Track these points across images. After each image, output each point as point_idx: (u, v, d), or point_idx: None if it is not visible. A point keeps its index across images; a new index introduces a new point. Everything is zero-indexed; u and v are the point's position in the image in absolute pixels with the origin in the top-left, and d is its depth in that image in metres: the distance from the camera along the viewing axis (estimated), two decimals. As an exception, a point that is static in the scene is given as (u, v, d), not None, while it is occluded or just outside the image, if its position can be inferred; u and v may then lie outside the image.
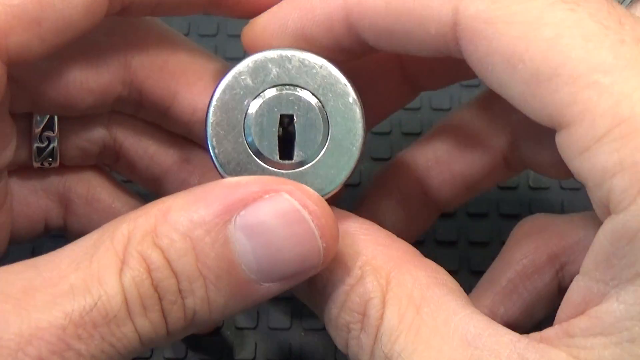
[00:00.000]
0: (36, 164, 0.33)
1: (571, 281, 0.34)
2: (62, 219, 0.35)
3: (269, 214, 0.25)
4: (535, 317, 0.34)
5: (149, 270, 0.24)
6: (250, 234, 0.25)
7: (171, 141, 0.34)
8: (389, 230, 0.28)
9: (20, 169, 0.34)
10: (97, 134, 0.34)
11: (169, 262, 0.24)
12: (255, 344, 0.39)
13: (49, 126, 0.32)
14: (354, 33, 0.27)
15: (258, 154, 0.27)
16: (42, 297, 0.23)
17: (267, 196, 0.25)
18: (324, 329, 0.39)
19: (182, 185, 0.34)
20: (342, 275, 0.26)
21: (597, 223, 0.32)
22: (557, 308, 0.26)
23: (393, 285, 0.25)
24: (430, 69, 0.32)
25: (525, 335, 0.24)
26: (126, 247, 0.24)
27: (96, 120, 0.34)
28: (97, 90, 0.31)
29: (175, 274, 0.24)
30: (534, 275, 0.33)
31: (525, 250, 0.33)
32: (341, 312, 0.26)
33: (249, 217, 0.25)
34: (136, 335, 0.24)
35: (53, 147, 0.33)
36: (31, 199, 0.34)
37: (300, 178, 0.27)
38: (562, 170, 0.29)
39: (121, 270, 0.24)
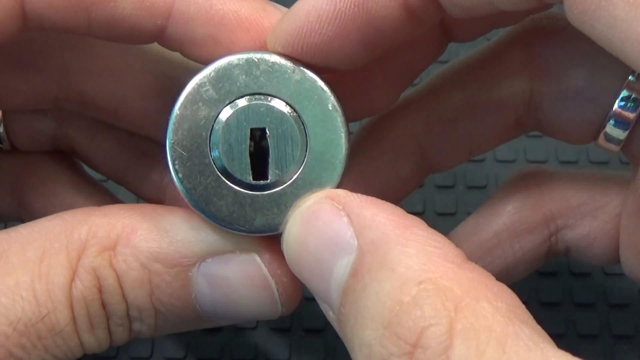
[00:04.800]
0: None
1: (565, 248, 0.30)
2: (17, 213, 0.33)
3: (235, 272, 0.24)
4: (510, 280, 0.30)
5: (100, 291, 0.24)
6: (212, 284, 0.24)
7: (127, 136, 0.32)
8: (376, 192, 0.24)
9: None
10: (46, 125, 0.32)
11: (122, 289, 0.24)
12: (255, 344, 0.39)
13: None
14: None
15: (228, 175, 0.24)
16: None
17: (238, 252, 0.24)
18: (323, 329, 0.40)
19: (143, 182, 0.33)
20: (391, 288, 0.20)
21: (605, 186, 0.29)
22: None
23: (466, 313, 0.19)
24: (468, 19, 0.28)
25: None
26: (80, 256, 0.24)
27: (45, 113, 0.32)
28: (26, 91, 0.30)
29: (125, 301, 0.24)
30: (524, 233, 0.30)
31: (519, 203, 0.30)
32: (382, 337, 0.20)
33: (214, 268, 0.24)
34: (80, 349, 0.24)
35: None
36: None
37: (277, 200, 0.24)
38: (582, 134, 0.26)
39: (72, 281, 0.23)
